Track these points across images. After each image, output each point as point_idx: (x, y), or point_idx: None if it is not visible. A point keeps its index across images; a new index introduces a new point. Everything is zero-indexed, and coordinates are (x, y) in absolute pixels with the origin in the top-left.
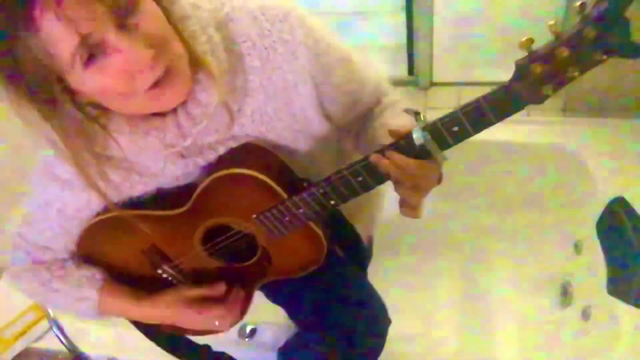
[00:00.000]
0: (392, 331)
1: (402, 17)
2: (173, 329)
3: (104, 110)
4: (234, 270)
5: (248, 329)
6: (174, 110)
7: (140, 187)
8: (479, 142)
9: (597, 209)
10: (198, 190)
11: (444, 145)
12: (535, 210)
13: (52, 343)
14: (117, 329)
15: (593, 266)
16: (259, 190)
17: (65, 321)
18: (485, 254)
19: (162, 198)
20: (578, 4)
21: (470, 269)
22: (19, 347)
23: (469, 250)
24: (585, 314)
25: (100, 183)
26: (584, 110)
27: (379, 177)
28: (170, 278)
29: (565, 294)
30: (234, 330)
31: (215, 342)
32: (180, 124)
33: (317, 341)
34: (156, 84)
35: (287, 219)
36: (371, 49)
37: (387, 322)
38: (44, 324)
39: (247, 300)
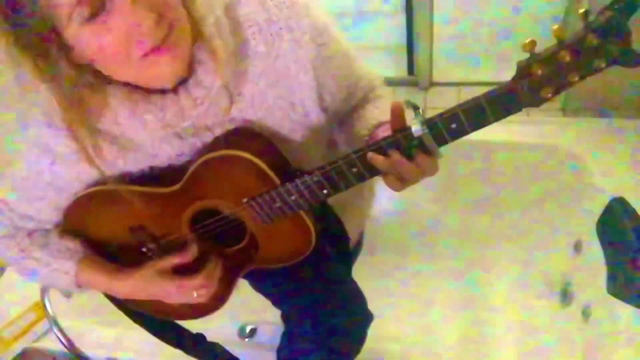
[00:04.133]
0: (391, 332)
1: (402, 17)
2: (155, 309)
3: (103, 81)
4: (221, 254)
5: (248, 329)
6: (175, 91)
7: (133, 164)
8: (479, 142)
9: (597, 209)
10: (191, 170)
11: (441, 141)
12: (535, 210)
13: (52, 343)
14: (117, 329)
15: (593, 266)
16: (252, 175)
17: (65, 321)
18: (484, 254)
19: (154, 176)
20: (582, 11)
21: (469, 269)
22: (19, 347)
23: (469, 250)
24: (585, 314)
25: (93, 156)
26: (584, 110)
27: (375, 169)
28: (154, 258)
29: (565, 294)
30: (234, 330)
31: (214, 341)
32: (180, 105)
33: (302, 337)
34: (152, 51)
35: (277, 205)
36: (371, 49)
37: (369, 318)
38: (44, 324)
39: (230, 284)
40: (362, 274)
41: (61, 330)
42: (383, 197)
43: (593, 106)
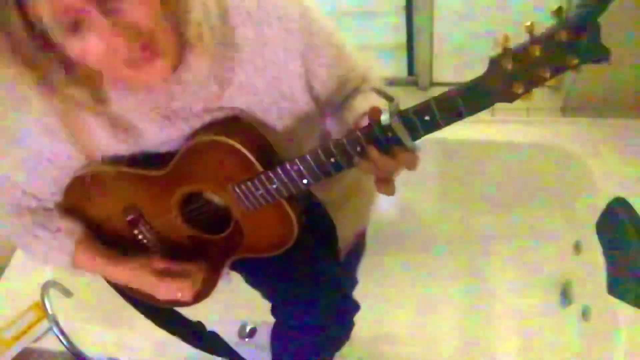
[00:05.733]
0: (390, 332)
1: (402, 17)
2: (143, 296)
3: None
4: (207, 241)
5: (248, 329)
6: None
7: (124, 146)
8: (479, 142)
9: (597, 209)
10: (179, 154)
11: (415, 134)
12: (535, 210)
13: (52, 343)
14: (117, 329)
15: (593, 266)
16: (236, 161)
17: (65, 321)
18: (485, 254)
19: (147, 159)
20: (555, 7)
21: (470, 269)
22: (19, 347)
23: (469, 250)
24: (585, 314)
25: (83, 135)
26: (584, 110)
27: (351, 161)
28: (145, 241)
29: (565, 294)
30: (234, 330)
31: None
32: (170, 88)
33: (290, 328)
34: (136, 65)
35: (260, 193)
36: (371, 49)
37: (355, 307)
38: (44, 324)
39: (216, 275)
40: (361, 274)
41: (61, 330)
42: (383, 197)
43: (593, 106)
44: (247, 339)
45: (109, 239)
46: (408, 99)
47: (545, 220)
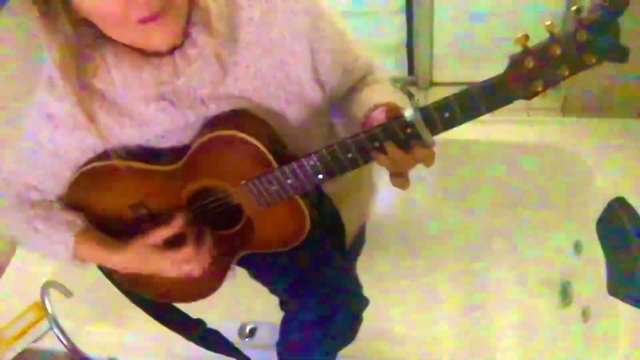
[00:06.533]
0: (390, 331)
1: (402, 17)
2: (153, 291)
3: (102, 39)
4: (217, 237)
5: (248, 329)
6: (171, 53)
7: (130, 133)
8: (479, 142)
9: (597, 209)
10: (192, 149)
11: (434, 130)
12: (535, 210)
13: (52, 343)
14: (117, 329)
15: (593, 266)
16: (251, 156)
17: (65, 321)
18: (485, 254)
19: (156, 155)
20: (574, 8)
21: (470, 268)
22: (19, 347)
23: (469, 250)
24: (585, 314)
25: (89, 124)
26: (584, 110)
27: (368, 157)
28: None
29: (565, 294)
30: (234, 330)
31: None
32: (175, 63)
33: (299, 323)
34: (149, 20)
35: (274, 188)
36: (371, 49)
37: (364, 302)
38: (44, 324)
39: (225, 268)
40: (361, 273)
41: (61, 330)
42: (383, 197)
43: (593, 106)
44: (247, 339)
45: (114, 235)
46: (408, 99)
47: (545, 220)
